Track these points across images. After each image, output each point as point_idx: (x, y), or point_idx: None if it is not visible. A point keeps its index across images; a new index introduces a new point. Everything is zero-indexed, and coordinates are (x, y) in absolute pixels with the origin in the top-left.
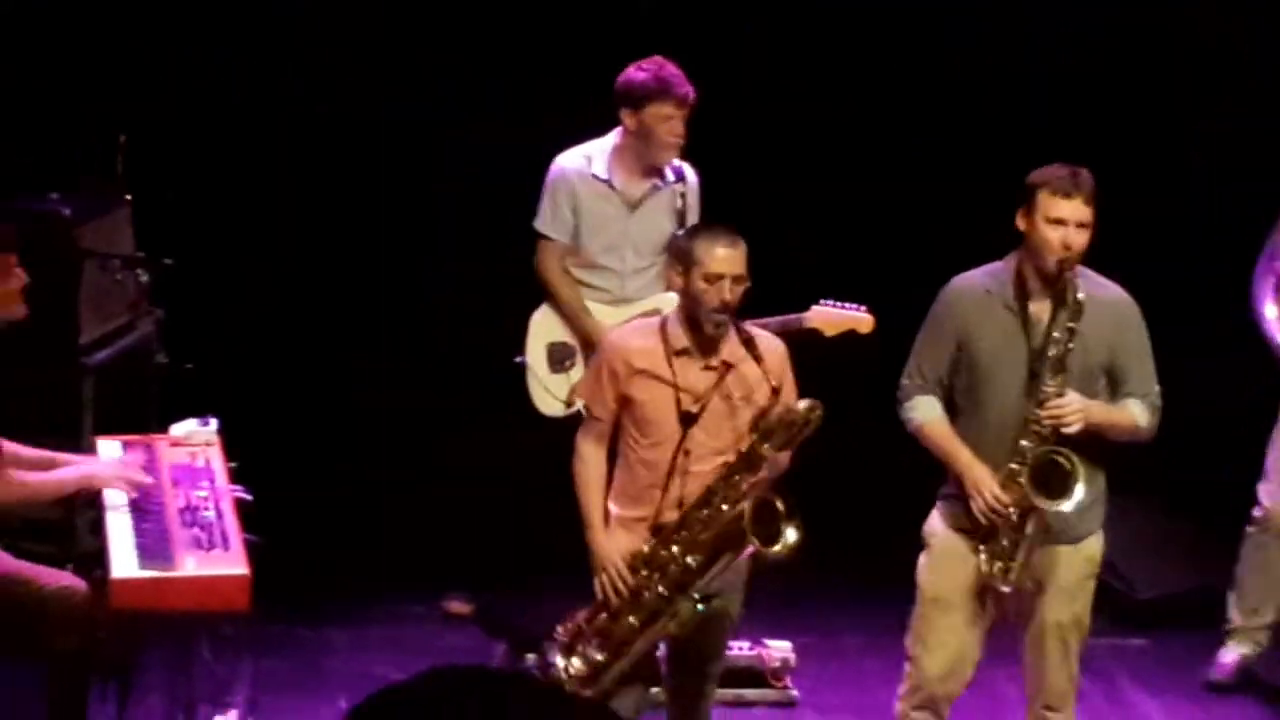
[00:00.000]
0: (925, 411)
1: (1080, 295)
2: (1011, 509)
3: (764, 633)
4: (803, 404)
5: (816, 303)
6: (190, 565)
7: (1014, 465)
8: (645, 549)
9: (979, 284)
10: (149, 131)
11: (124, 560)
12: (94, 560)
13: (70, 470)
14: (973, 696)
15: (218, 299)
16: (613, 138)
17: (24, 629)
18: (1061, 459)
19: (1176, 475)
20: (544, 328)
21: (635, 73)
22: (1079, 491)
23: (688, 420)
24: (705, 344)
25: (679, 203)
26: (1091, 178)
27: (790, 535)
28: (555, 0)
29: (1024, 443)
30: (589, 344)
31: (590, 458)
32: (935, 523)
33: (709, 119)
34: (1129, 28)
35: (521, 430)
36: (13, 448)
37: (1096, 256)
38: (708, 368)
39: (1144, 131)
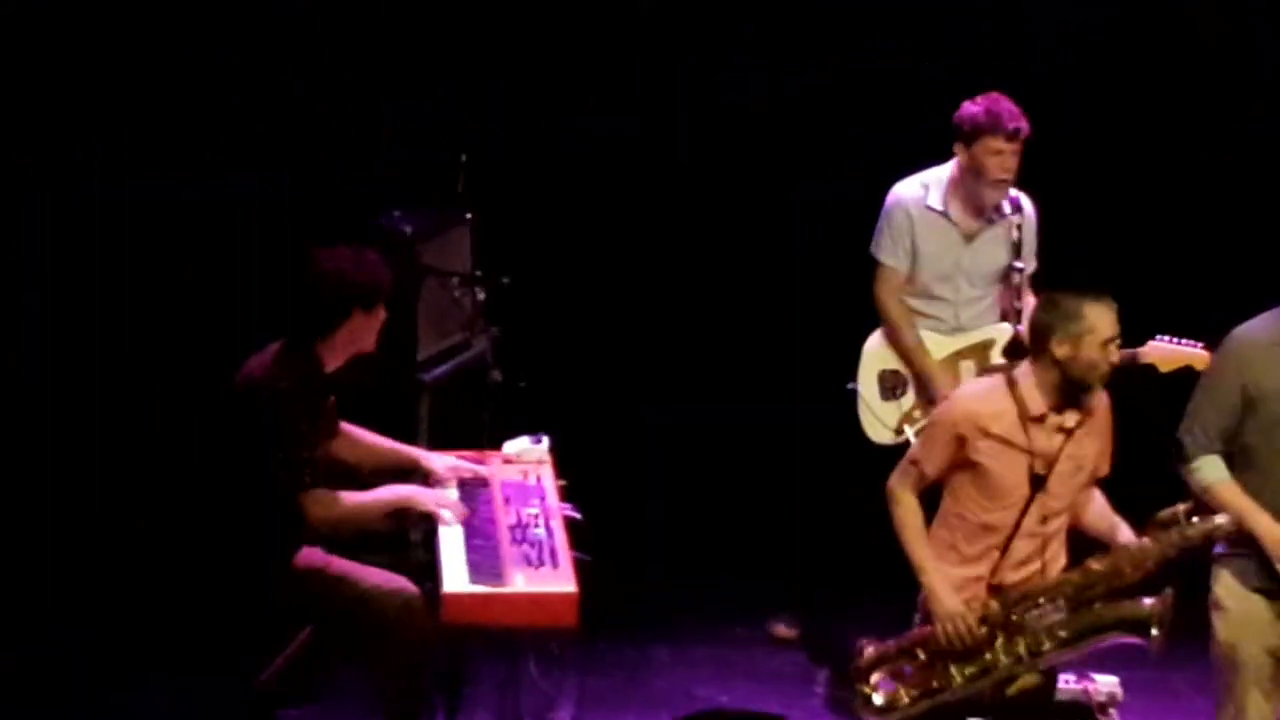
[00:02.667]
0: (1212, 472)
1: None
2: None
3: (1091, 666)
4: (1223, 518)
5: (1153, 338)
6: (520, 582)
7: None
8: (997, 607)
9: (1264, 334)
10: (490, 151)
11: (455, 575)
12: (425, 573)
13: (389, 491)
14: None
15: (553, 317)
16: (950, 168)
17: (358, 629)
18: None
19: None
20: (877, 356)
21: (969, 106)
22: None
23: (1038, 484)
24: (1069, 405)
25: (1015, 234)
26: None
27: (1157, 634)
28: None
29: None
30: (921, 379)
31: (911, 504)
32: (1228, 584)
33: None
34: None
35: (852, 455)
36: (354, 430)
37: None
38: (1060, 429)
39: None
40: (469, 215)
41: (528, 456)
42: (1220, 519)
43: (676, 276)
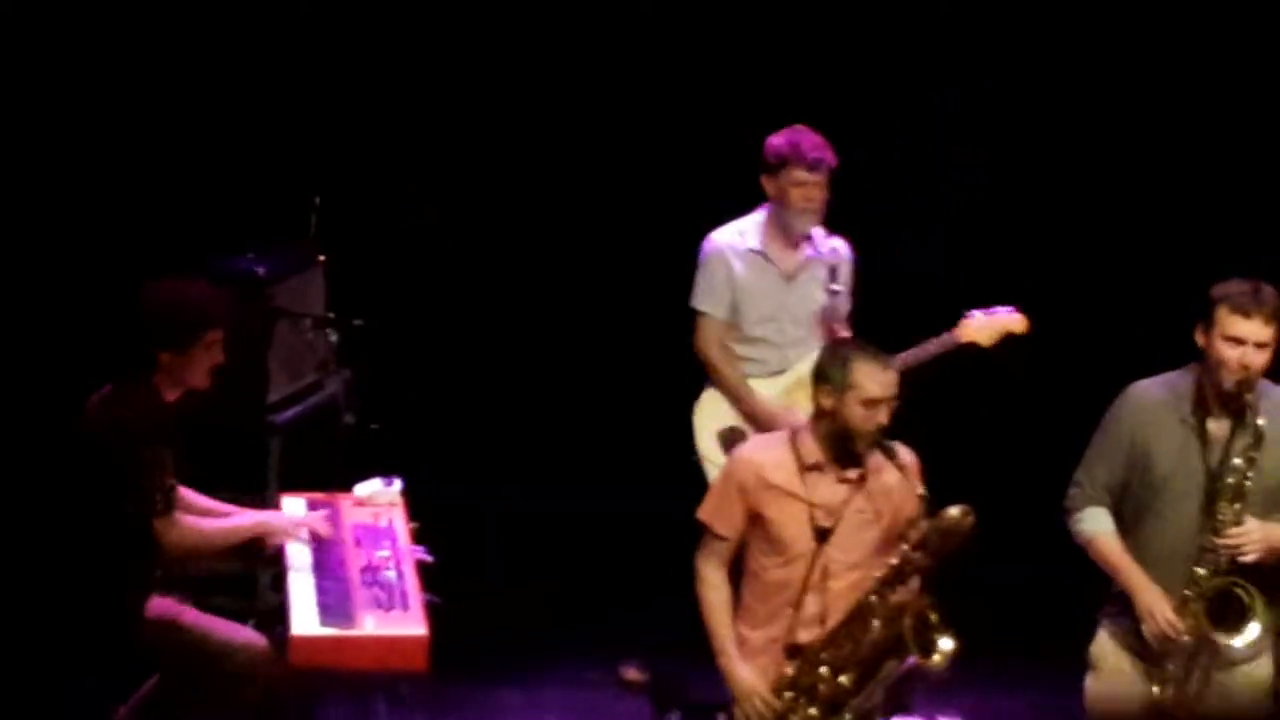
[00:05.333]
0: (1096, 524)
1: (1261, 421)
2: (1185, 636)
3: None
4: (955, 510)
5: (963, 316)
6: (370, 624)
7: (1188, 592)
8: (790, 671)
9: (1157, 395)
10: (343, 192)
11: (305, 618)
12: (275, 617)
13: (245, 517)
14: None
15: (406, 360)
16: (763, 211)
17: (206, 681)
18: (1240, 591)
19: None
20: (708, 417)
21: (773, 139)
22: (1255, 626)
23: (822, 536)
24: (841, 458)
25: (828, 274)
26: (1276, 294)
27: (946, 645)
28: None
29: (1199, 570)
30: (756, 423)
31: (716, 582)
32: (1103, 643)
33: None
34: None
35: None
36: (191, 495)
37: None
38: (841, 480)
39: None
40: (322, 257)
41: (379, 499)
42: (953, 510)
43: (529, 318)
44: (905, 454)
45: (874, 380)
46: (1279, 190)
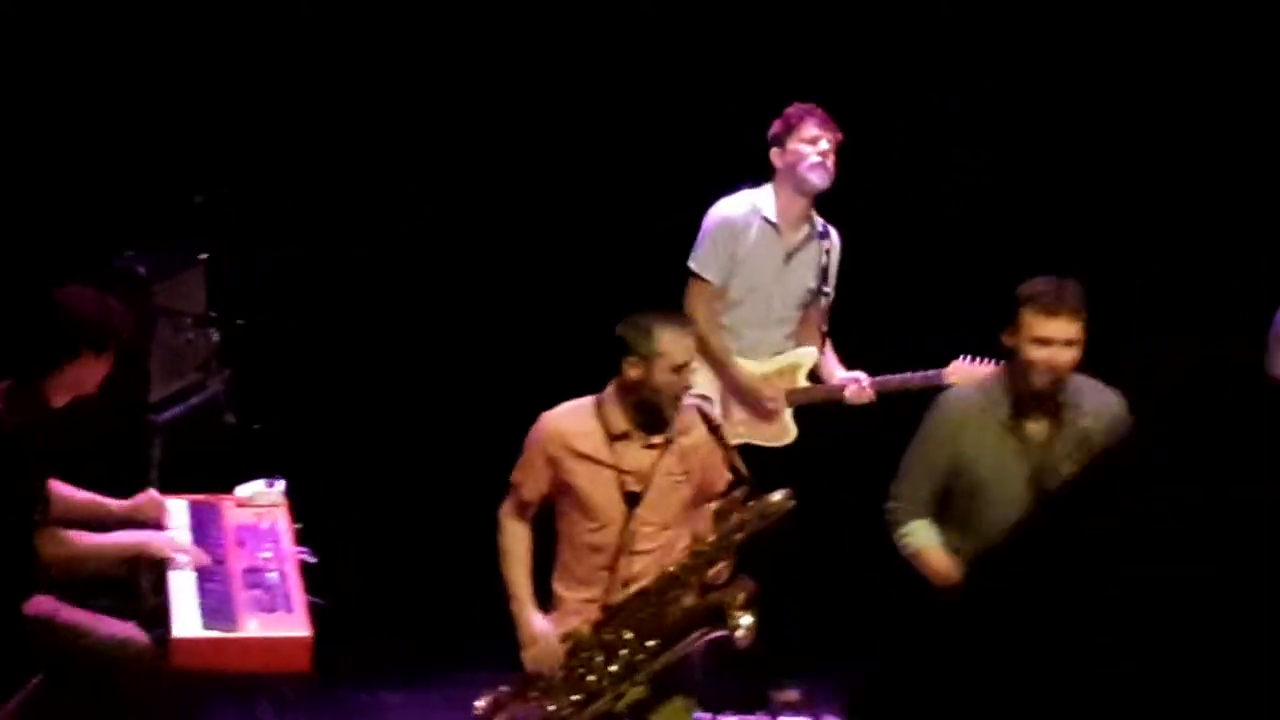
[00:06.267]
0: (922, 537)
1: (1086, 423)
2: None
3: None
4: (778, 495)
5: (956, 359)
6: (253, 626)
7: None
8: (586, 629)
9: (972, 401)
10: (225, 191)
11: (187, 619)
12: (157, 618)
13: (124, 536)
14: None
15: (288, 359)
16: (770, 187)
17: (88, 678)
18: None
19: None
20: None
21: (776, 121)
22: None
23: (632, 501)
24: (647, 424)
25: (824, 259)
26: (1079, 290)
27: (745, 620)
28: None
29: None
30: (736, 391)
31: (515, 531)
32: None
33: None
34: None
35: None
36: (63, 492)
37: None
38: (649, 446)
39: None
40: (202, 256)
41: (262, 500)
42: (776, 495)
43: (411, 316)
44: (690, 414)
45: (679, 346)
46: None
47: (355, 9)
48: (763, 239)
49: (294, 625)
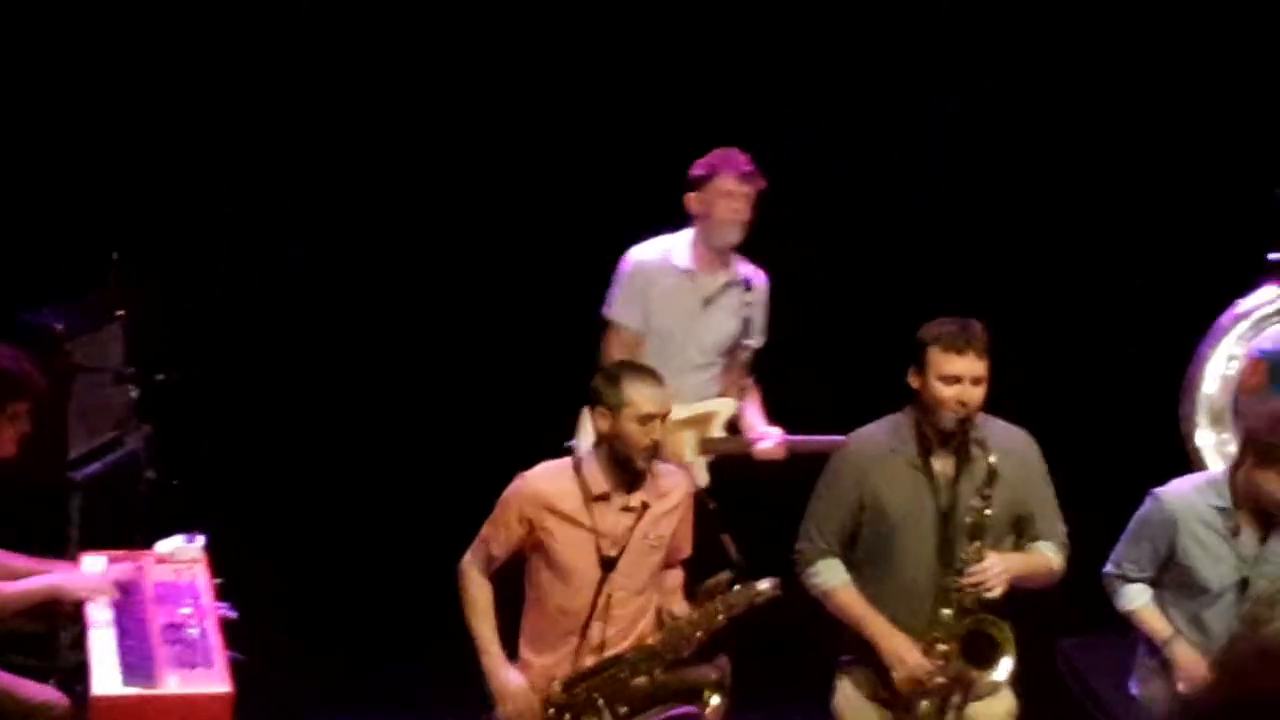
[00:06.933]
0: (832, 577)
1: (993, 459)
2: (938, 679)
3: None
4: (766, 584)
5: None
6: (173, 683)
7: (936, 634)
8: (560, 690)
9: (880, 440)
10: (142, 247)
11: (106, 677)
12: (76, 676)
13: (38, 580)
14: None
15: (208, 415)
16: (689, 232)
17: None
18: (991, 628)
19: None
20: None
21: (700, 159)
22: (1009, 661)
23: (608, 565)
24: (624, 484)
25: (747, 310)
26: (983, 328)
27: (715, 701)
28: None
29: (944, 611)
30: None
31: (481, 584)
32: (846, 694)
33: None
34: None
35: None
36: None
37: None
38: (626, 509)
39: None
40: (120, 312)
41: (182, 555)
42: (763, 584)
43: (341, 366)
44: (679, 479)
45: (645, 396)
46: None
47: (259, 71)
48: (677, 285)
49: (214, 681)
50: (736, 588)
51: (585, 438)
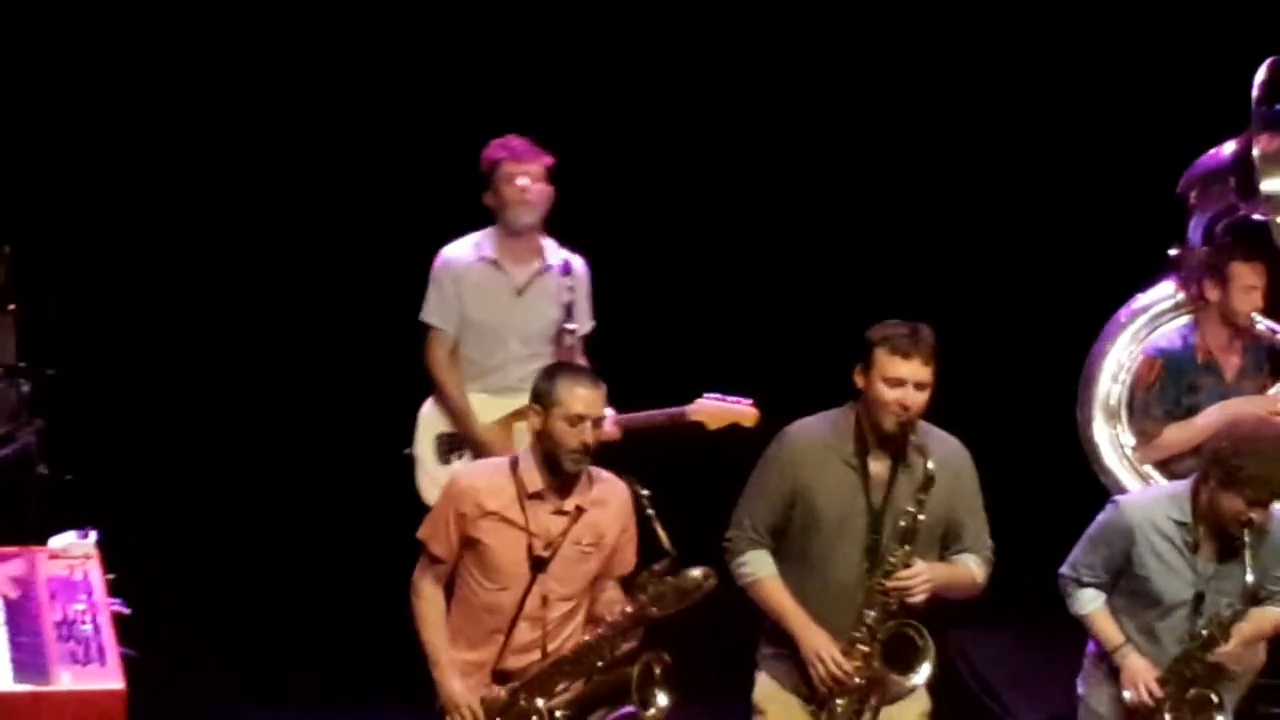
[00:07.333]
0: (759, 568)
1: (931, 465)
2: (856, 679)
3: None
4: (698, 571)
5: (701, 395)
6: (66, 680)
7: (857, 634)
8: (503, 694)
9: (818, 435)
10: (34, 240)
11: None
12: None
13: None
14: None
15: (100, 410)
16: (495, 227)
17: None
18: (912, 632)
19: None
20: (432, 419)
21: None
22: (928, 667)
23: (538, 565)
24: (560, 487)
25: (567, 295)
26: (931, 334)
27: (663, 700)
28: None
29: (869, 612)
30: (471, 442)
31: (431, 595)
32: (766, 687)
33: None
34: None
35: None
36: None
37: None
38: (559, 512)
39: None
40: (12, 306)
41: (75, 551)
42: (694, 572)
43: (236, 361)
44: (615, 488)
45: (577, 396)
46: None
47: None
48: (487, 278)
49: (107, 678)
50: (669, 578)
51: (424, 438)
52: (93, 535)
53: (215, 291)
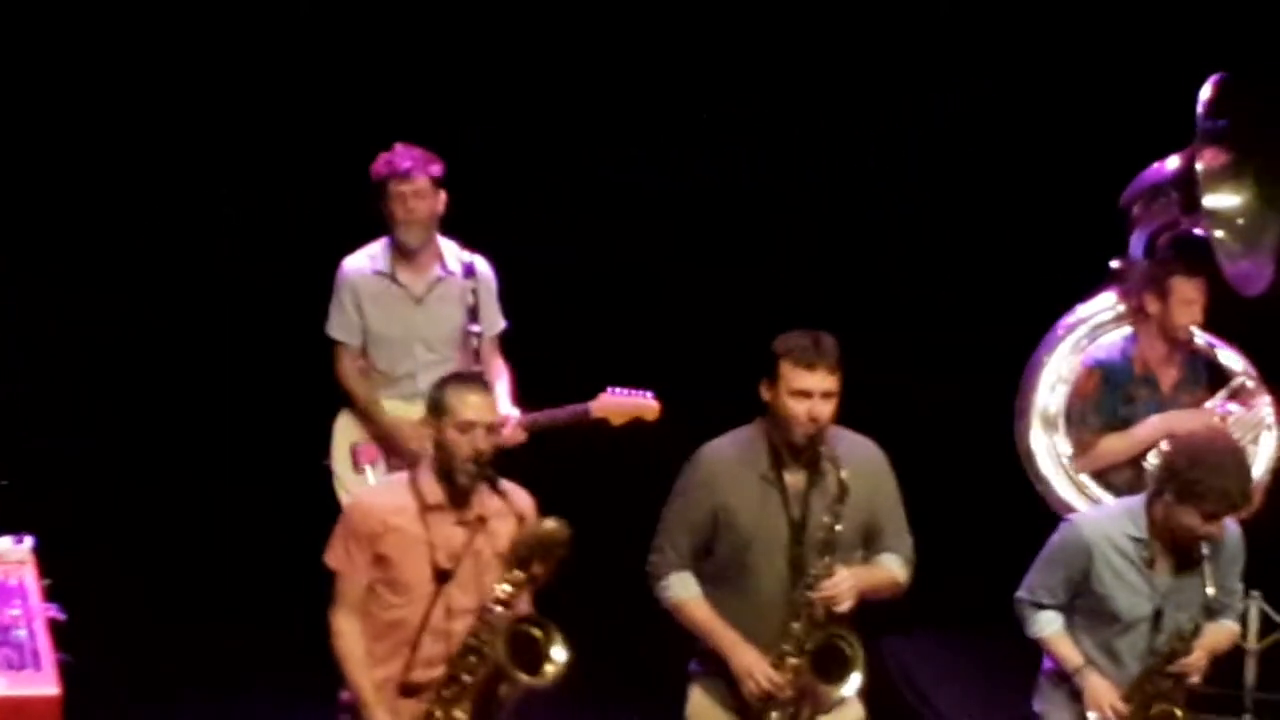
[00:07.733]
0: (682, 590)
1: (844, 474)
2: (787, 692)
3: None
4: (550, 522)
5: (604, 391)
6: (0, 685)
7: (786, 647)
8: (428, 708)
9: (731, 454)
10: None
11: None
12: None
13: None
14: None
15: (33, 414)
16: (390, 237)
17: None
18: (841, 642)
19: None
20: (346, 430)
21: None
22: (858, 676)
23: (442, 577)
24: (458, 497)
25: (470, 298)
26: (835, 343)
27: (558, 655)
28: None
29: (795, 625)
30: (387, 440)
31: (352, 631)
32: (698, 702)
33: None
34: None
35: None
36: None
37: None
38: (461, 523)
39: None
40: None
41: (9, 557)
42: (548, 522)
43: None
44: (519, 496)
45: (466, 403)
46: None
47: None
48: (384, 290)
49: (43, 683)
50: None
51: (339, 450)
52: (28, 541)
53: (149, 298)
